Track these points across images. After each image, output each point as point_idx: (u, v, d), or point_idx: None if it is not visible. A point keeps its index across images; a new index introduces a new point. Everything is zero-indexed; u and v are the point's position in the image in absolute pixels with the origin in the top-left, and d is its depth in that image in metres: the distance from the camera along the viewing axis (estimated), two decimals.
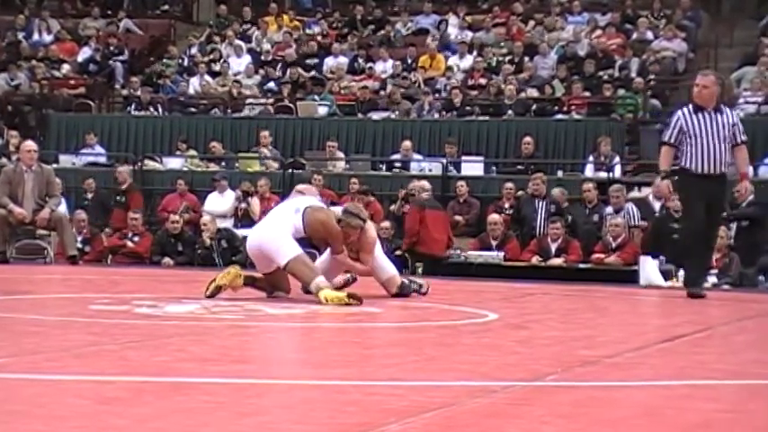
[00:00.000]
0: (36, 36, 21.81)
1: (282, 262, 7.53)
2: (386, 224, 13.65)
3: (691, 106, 9.16)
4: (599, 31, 19.23)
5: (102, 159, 17.20)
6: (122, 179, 15.35)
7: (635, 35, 18.98)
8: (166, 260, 13.77)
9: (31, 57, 20.78)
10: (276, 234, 7.62)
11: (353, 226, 7.89)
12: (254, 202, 14.71)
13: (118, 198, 15.28)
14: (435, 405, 3.58)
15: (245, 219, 14.66)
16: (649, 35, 18.84)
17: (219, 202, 15.05)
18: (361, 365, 4.69)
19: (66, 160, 17.14)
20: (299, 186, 8.61)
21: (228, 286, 7.65)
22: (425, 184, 14.03)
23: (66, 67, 20.51)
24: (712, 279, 12.07)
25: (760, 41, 17.74)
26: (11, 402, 3.49)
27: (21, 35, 21.73)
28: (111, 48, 20.96)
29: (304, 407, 3.60)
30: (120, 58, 20.85)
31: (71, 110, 19.19)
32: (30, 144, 13.14)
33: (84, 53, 20.89)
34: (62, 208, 13.83)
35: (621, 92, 17.39)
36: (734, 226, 12.83)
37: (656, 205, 13.48)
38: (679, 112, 9.21)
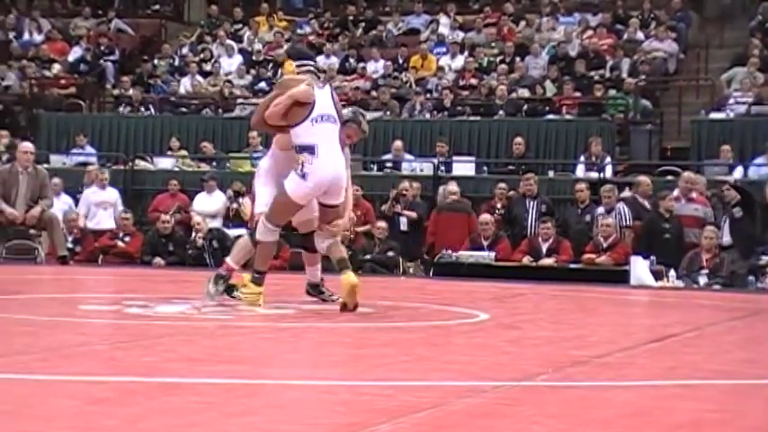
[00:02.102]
0: (26, 36, 21.74)
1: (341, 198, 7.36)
2: (382, 224, 13.66)
3: None
4: (590, 32, 19.23)
5: (93, 159, 17.17)
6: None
7: (626, 35, 18.99)
8: (157, 260, 13.75)
9: (22, 56, 20.71)
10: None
11: (363, 129, 7.52)
12: (245, 203, 14.69)
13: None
14: (425, 405, 3.58)
15: (236, 219, 14.64)
16: (640, 35, 18.85)
17: (208, 203, 15.02)
18: (352, 365, 4.69)
19: (56, 160, 17.10)
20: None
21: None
22: (451, 187, 14.16)
23: (56, 67, 20.45)
24: (703, 279, 12.11)
25: (750, 42, 17.77)
26: (2, 402, 3.49)
27: (11, 35, 21.66)
28: (102, 47, 20.90)
29: (294, 407, 3.60)
30: (111, 57, 20.80)
31: (62, 110, 19.14)
32: (27, 146, 13.16)
33: (74, 53, 20.83)
34: (61, 207, 13.88)
35: (612, 92, 17.39)
36: (726, 224, 12.83)
37: (646, 203, 13.48)
38: None
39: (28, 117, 18.94)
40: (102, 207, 14.73)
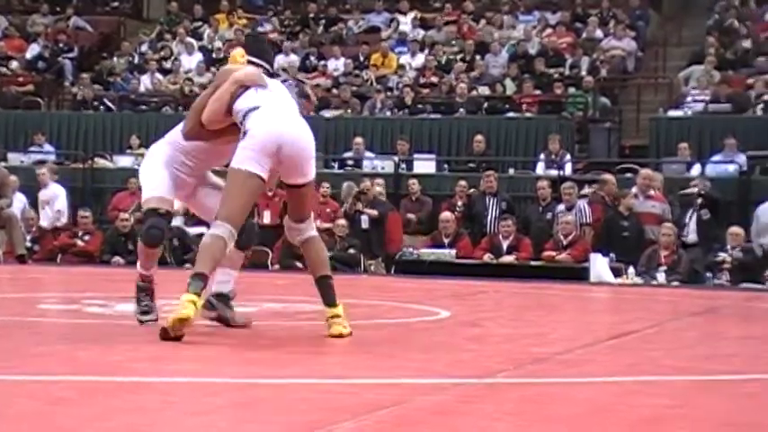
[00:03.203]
0: None
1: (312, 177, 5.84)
2: (341, 222, 13.66)
3: None
4: (549, 30, 19.33)
5: (52, 157, 17.03)
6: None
7: (585, 34, 19.11)
8: (117, 259, 13.65)
9: None
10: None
11: (312, 101, 6.16)
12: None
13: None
14: (387, 403, 3.58)
15: (195, 217, 14.55)
16: (599, 34, 18.97)
17: None
18: (313, 363, 4.69)
19: (14, 158, 16.94)
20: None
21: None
22: (367, 184, 14.30)
23: (14, 64, 20.26)
24: (661, 276, 12.20)
25: (706, 40, 17.93)
26: None
27: None
28: (61, 44, 20.74)
29: (255, 405, 3.59)
30: (70, 55, 20.65)
31: (20, 107, 18.97)
32: None
33: (32, 50, 20.64)
34: (17, 206, 13.77)
35: (572, 90, 17.49)
36: (691, 223, 12.95)
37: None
38: None
39: None
40: (42, 206, 14.61)
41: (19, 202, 14.31)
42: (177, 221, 14.62)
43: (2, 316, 6.49)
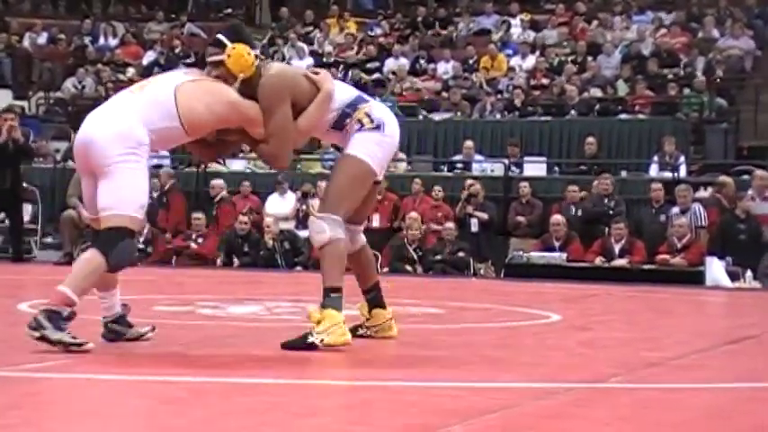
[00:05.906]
0: (102, 40, 22.09)
1: None
2: (449, 225, 13.66)
3: None
4: (664, 30, 19.02)
5: (167, 162, 17.36)
6: (164, 181, 15.51)
7: (700, 33, 18.74)
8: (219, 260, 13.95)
9: (97, 60, 21.05)
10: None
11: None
12: (314, 204, 14.76)
13: (160, 199, 15.44)
14: (497, 406, 3.56)
15: (306, 220, 14.72)
16: (715, 33, 18.59)
17: (280, 204, 15.12)
18: (422, 367, 4.67)
19: None
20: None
21: None
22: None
23: (131, 71, 20.74)
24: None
25: None
26: (77, 402, 3.54)
27: (87, 39, 22.03)
28: (176, 51, 21.18)
29: (364, 408, 3.59)
30: (185, 61, 21.05)
31: None
32: None
33: (148, 56, 21.13)
34: None
35: (686, 91, 17.17)
36: None
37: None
38: None
39: None
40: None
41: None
42: (288, 225, 14.81)
43: None
